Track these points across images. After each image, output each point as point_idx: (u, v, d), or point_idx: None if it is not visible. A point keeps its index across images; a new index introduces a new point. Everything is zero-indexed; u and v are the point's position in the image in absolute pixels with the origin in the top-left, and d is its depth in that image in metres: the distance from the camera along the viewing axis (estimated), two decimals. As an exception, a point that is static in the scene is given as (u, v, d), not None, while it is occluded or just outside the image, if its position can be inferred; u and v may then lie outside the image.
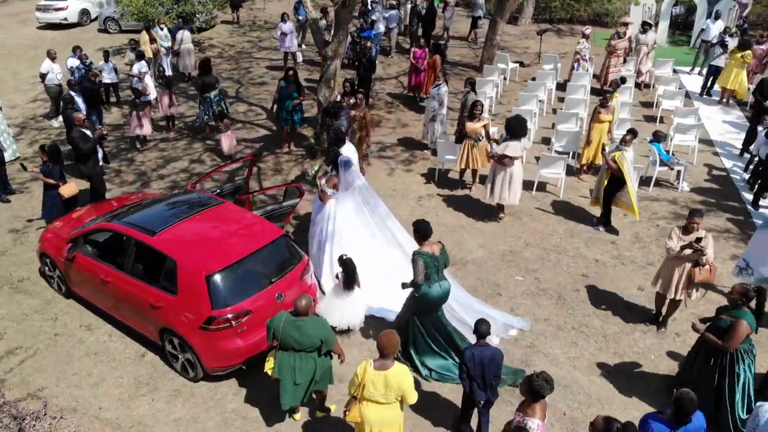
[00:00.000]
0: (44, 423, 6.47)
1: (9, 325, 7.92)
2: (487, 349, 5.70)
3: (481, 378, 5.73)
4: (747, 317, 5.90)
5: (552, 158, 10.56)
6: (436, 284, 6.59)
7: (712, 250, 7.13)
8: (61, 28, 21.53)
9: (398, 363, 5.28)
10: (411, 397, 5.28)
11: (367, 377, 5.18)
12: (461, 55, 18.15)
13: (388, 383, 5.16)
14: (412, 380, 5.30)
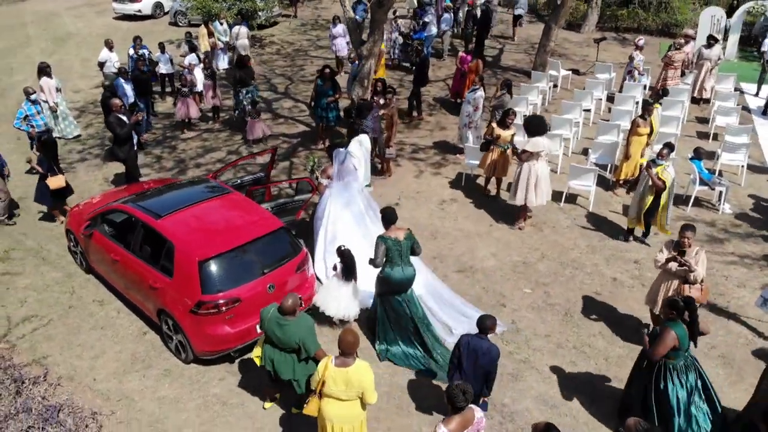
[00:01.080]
0: (41, 388, 6.84)
1: (31, 294, 8.42)
2: (484, 342, 5.67)
3: (471, 369, 5.70)
4: (676, 328, 5.60)
5: (582, 170, 10.16)
6: (399, 268, 6.88)
7: (702, 268, 6.80)
8: (135, 19, 22.66)
9: (360, 361, 5.24)
10: (371, 397, 5.23)
11: (327, 374, 5.18)
12: (516, 60, 17.77)
13: (349, 381, 5.14)
14: (373, 379, 5.24)
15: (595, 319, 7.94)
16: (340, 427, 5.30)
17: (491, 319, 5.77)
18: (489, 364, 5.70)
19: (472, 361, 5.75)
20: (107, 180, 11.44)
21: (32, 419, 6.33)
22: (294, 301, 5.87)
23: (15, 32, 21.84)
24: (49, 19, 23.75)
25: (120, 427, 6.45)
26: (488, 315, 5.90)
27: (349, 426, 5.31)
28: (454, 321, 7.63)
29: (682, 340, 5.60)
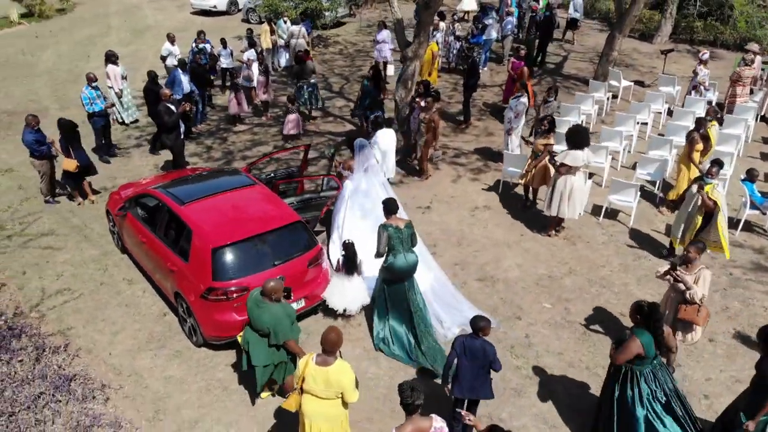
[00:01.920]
0: (59, 357, 7.23)
1: (68, 268, 8.91)
2: (477, 341, 5.66)
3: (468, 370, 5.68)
4: (642, 336, 5.41)
5: (623, 184, 9.73)
6: (401, 255, 6.97)
7: (704, 289, 6.60)
8: (211, 15, 23.56)
9: (341, 361, 5.23)
10: (350, 396, 5.20)
11: (307, 371, 5.20)
12: (579, 68, 17.23)
13: (328, 380, 5.14)
14: (354, 379, 5.22)
15: (596, 342, 7.56)
16: (318, 426, 5.30)
17: (484, 320, 5.70)
18: (487, 361, 5.70)
19: (469, 361, 5.71)
20: (157, 166, 11.94)
21: (44, 386, 6.71)
22: (275, 285, 5.97)
23: (98, 22, 23.20)
24: (132, 11, 25.08)
25: (125, 402, 6.71)
26: (481, 316, 5.82)
27: (328, 425, 5.30)
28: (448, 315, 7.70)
29: (647, 348, 5.41)
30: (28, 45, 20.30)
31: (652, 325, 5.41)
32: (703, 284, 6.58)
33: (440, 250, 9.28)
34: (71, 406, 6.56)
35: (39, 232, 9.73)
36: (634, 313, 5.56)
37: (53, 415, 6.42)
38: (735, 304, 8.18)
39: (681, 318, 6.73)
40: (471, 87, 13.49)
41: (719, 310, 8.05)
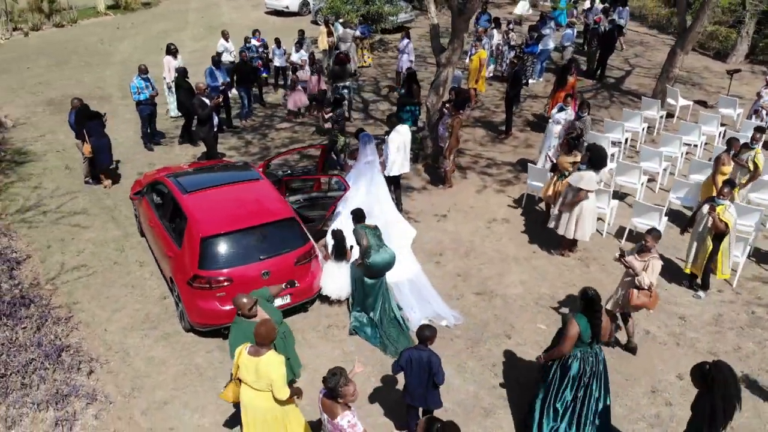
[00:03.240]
0: (58, 329, 7.67)
1: (89, 246, 9.44)
2: (423, 353, 5.61)
3: (416, 381, 5.67)
4: (579, 320, 5.60)
5: (646, 207, 9.19)
6: (381, 251, 7.36)
7: (652, 277, 6.90)
8: (283, 15, 24.25)
9: (273, 354, 5.25)
10: (278, 391, 5.21)
11: (241, 361, 5.27)
12: (640, 84, 16.43)
13: (258, 371, 5.19)
14: (284, 374, 5.22)
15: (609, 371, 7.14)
16: (253, 416, 5.35)
17: (430, 330, 5.65)
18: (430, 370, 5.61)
19: (416, 373, 5.69)
20: (195, 156, 12.42)
21: (37, 353, 7.14)
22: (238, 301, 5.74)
23: (177, 17, 24.42)
24: (210, 8, 26.22)
25: (107, 376, 7.03)
26: (427, 325, 5.79)
27: (262, 417, 5.34)
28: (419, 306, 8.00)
29: (582, 331, 5.58)
30: (108, 35, 21.66)
31: (591, 314, 5.59)
32: (651, 272, 6.83)
33: (445, 260, 9.13)
34: (57, 374, 6.94)
35: (72, 210, 10.36)
36: (579, 298, 5.75)
37: (39, 381, 6.82)
38: (749, 345, 7.55)
39: (634, 305, 6.99)
40: (513, 97, 13.17)
41: (730, 350, 7.46)
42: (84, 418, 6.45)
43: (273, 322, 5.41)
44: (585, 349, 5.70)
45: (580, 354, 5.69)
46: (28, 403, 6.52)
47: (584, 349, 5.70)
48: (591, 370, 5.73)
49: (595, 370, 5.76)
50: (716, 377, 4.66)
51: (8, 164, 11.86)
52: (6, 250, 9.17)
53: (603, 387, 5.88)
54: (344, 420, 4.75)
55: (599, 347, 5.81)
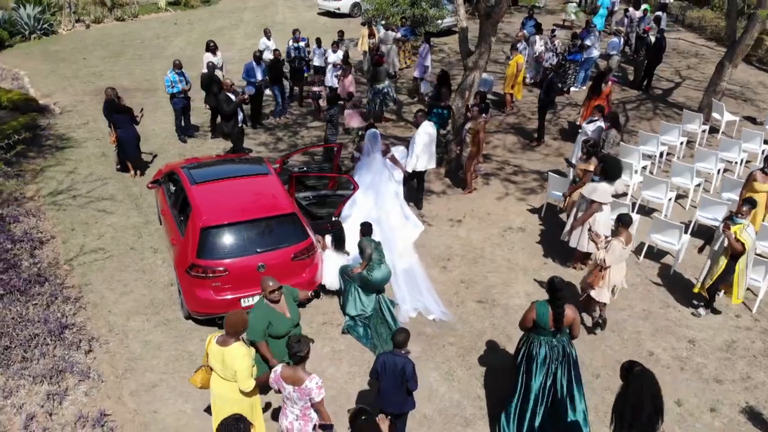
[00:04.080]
0: (66, 307, 7.98)
1: (110, 231, 9.79)
2: (398, 359, 5.57)
3: (390, 385, 5.62)
4: (539, 306, 5.79)
5: (665, 224, 8.79)
6: (378, 268, 7.49)
7: (608, 257, 7.18)
8: (334, 16, 24.51)
9: (239, 345, 5.30)
10: (242, 381, 5.26)
11: (210, 349, 5.36)
12: (688, 97, 15.75)
13: (224, 360, 5.26)
14: (248, 365, 5.27)
15: (600, 391, 6.89)
16: (221, 404, 5.43)
17: (404, 334, 5.61)
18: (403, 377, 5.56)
19: (390, 377, 5.63)
20: (225, 149, 12.70)
21: (42, 329, 7.46)
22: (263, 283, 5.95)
23: (233, 16, 25.03)
24: (267, 7, 26.77)
25: (104, 356, 7.28)
26: (402, 329, 5.77)
27: (229, 406, 5.38)
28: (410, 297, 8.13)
29: (539, 317, 5.75)
30: (165, 30, 22.43)
31: (553, 302, 5.72)
32: (609, 251, 7.17)
33: (451, 266, 9.01)
34: (58, 350, 7.23)
35: (100, 195, 10.78)
36: (547, 286, 5.88)
37: (40, 355, 7.12)
38: (760, 375, 7.11)
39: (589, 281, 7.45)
40: (546, 105, 12.88)
41: (738, 378, 7.04)
42: (75, 394, 6.69)
43: (246, 314, 5.48)
44: (549, 338, 5.81)
45: (545, 342, 5.83)
46: (26, 376, 6.82)
47: (548, 338, 5.82)
48: (557, 359, 5.82)
49: (562, 360, 5.83)
50: (632, 382, 4.78)
51: (49, 149, 12.46)
52: (32, 230, 9.63)
53: (574, 380, 5.90)
54: (312, 382, 4.96)
55: (567, 340, 5.87)
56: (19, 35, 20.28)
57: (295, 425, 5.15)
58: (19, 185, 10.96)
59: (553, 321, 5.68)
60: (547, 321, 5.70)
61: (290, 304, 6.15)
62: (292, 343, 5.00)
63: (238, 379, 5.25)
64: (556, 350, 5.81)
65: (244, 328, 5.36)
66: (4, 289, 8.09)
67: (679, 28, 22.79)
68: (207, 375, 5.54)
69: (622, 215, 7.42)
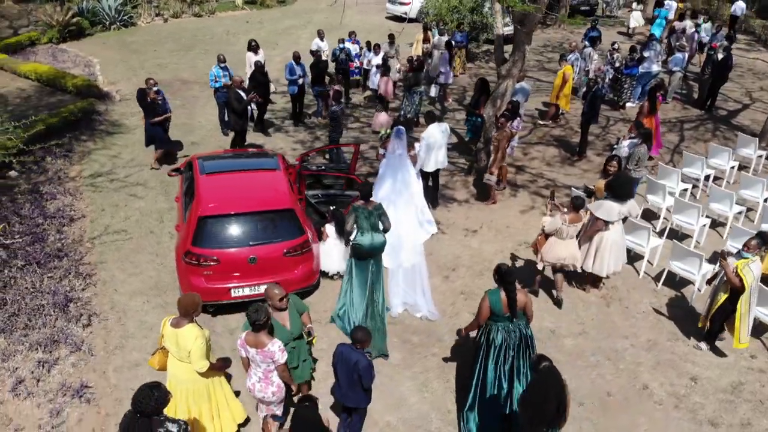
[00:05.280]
0: (77, 282, 8.43)
1: (136, 214, 10.25)
2: (354, 354, 5.57)
3: (344, 378, 5.66)
4: (491, 295, 5.88)
5: (685, 251, 8.22)
6: (368, 235, 7.42)
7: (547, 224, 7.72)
8: (400, 20, 24.57)
9: (192, 326, 5.43)
10: (195, 362, 5.40)
11: (165, 331, 5.54)
12: (754, 120, 14.67)
13: (177, 342, 5.42)
14: (200, 346, 5.38)
15: (578, 417, 6.53)
16: (176, 385, 5.60)
17: (362, 332, 5.59)
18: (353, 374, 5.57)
19: (344, 371, 5.66)
20: (264, 144, 13.02)
21: (48, 300, 7.90)
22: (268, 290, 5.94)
23: (304, 16, 25.62)
24: (338, 10, 26.95)
25: (101, 332, 7.63)
26: (361, 327, 5.77)
27: (184, 387, 5.58)
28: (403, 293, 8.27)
29: (493, 304, 5.85)
30: (236, 28, 23.24)
31: (504, 288, 5.80)
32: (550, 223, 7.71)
33: (455, 276, 8.82)
34: (59, 322, 7.65)
35: (135, 181, 11.31)
36: (493, 274, 5.98)
37: (41, 325, 7.56)
38: (763, 422, 6.53)
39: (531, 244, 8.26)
40: (589, 118, 12.37)
41: (737, 423, 6.51)
42: (63, 364, 7.05)
43: (198, 296, 5.62)
44: (506, 324, 5.93)
45: (502, 328, 5.94)
46: (24, 342, 7.26)
47: (505, 324, 5.93)
48: (514, 343, 5.95)
49: (519, 344, 5.97)
50: (537, 378, 4.91)
51: (100, 133, 13.20)
52: (66, 207, 10.23)
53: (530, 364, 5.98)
54: (275, 346, 5.33)
55: (523, 324, 6.01)
56: (100, 25, 21.62)
57: (257, 386, 5.56)
58: (64, 165, 11.71)
59: (507, 306, 5.81)
60: (500, 307, 5.83)
61: (293, 316, 6.02)
62: (250, 312, 5.28)
63: (192, 359, 5.38)
64: (513, 335, 5.94)
65: (196, 310, 5.49)
66: (26, 260, 8.64)
67: (760, 47, 21.31)
68: (164, 357, 5.70)
69: (575, 198, 7.78)
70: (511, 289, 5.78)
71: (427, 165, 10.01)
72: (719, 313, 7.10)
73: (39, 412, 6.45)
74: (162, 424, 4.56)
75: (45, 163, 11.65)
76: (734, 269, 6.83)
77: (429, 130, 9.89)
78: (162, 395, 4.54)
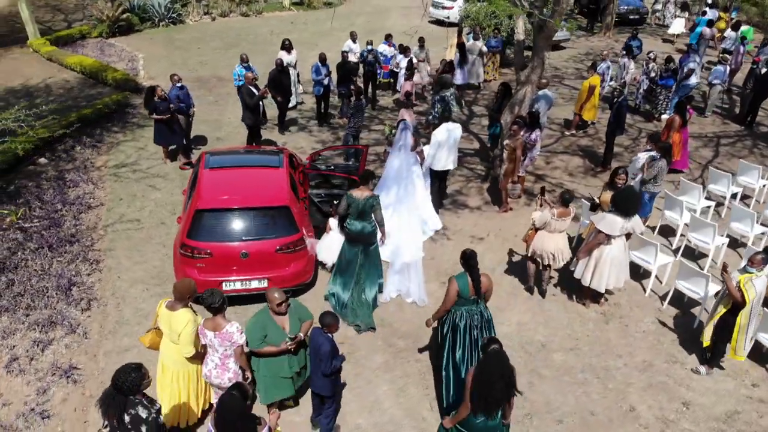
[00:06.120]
0: (83, 267, 8.74)
1: (151, 205, 10.54)
2: (320, 337, 5.69)
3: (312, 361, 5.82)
4: (459, 279, 6.14)
5: (692, 272, 7.87)
6: (357, 222, 7.74)
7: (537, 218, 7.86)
8: (442, 25, 24.47)
9: (186, 311, 5.62)
10: (182, 346, 5.62)
11: (160, 311, 5.78)
12: (800, 139, 13.94)
13: (171, 324, 5.63)
14: (190, 332, 5.56)
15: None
16: (165, 364, 5.85)
17: (330, 317, 5.71)
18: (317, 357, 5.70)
19: (312, 355, 5.83)
20: (286, 143, 13.18)
21: (52, 282, 8.22)
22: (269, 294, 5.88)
23: (347, 19, 25.81)
24: (381, 13, 27.31)
25: (98, 315, 7.89)
26: (329, 312, 5.82)
27: (175, 368, 5.82)
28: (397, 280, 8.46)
29: (461, 288, 6.12)
30: (280, 28, 23.61)
31: (470, 272, 6.09)
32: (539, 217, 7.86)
33: (452, 282, 8.69)
34: (60, 304, 7.95)
35: (156, 173, 11.64)
36: (461, 259, 6.22)
37: (43, 306, 7.87)
38: (752, 456, 6.17)
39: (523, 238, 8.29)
40: (614, 129, 12.00)
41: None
42: (57, 345, 7.32)
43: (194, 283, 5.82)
44: (470, 307, 6.23)
45: (466, 311, 6.23)
46: (25, 322, 7.57)
47: (468, 308, 6.23)
48: (477, 325, 6.24)
49: (482, 325, 6.27)
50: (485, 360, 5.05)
51: (131, 126, 13.66)
52: (87, 195, 10.63)
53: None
54: (233, 327, 5.53)
55: (484, 306, 6.32)
56: (149, 21, 22.38)
57: (213, 373, 5.71)
58: (92, 155, 12.16)
59: (474, 289, 6.09)
60: (468, 291, 6.11)
61: (293, 320, 5.95)
62: (205, 296, 5.51)
63: (180, 342, 5.60)
64: (476, 317, 6.24)
65: (190, 295, 5.69)
66: (39, 243, 9.02)
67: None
68: (156, 337, 5.91)
69: (563, 192, 7.99)
70: (476, 271, 6.08)
71: (436, 164, 9.98)
72: (719, 327, 6.81)
73: (27, 389, 6.72)
74: (134, 406, 4.68)
75: (74, 152, 12.15)
76: (737, 284, 6.53)
77: (440, 128, 9.90)
78: (138, 377, 4.67)
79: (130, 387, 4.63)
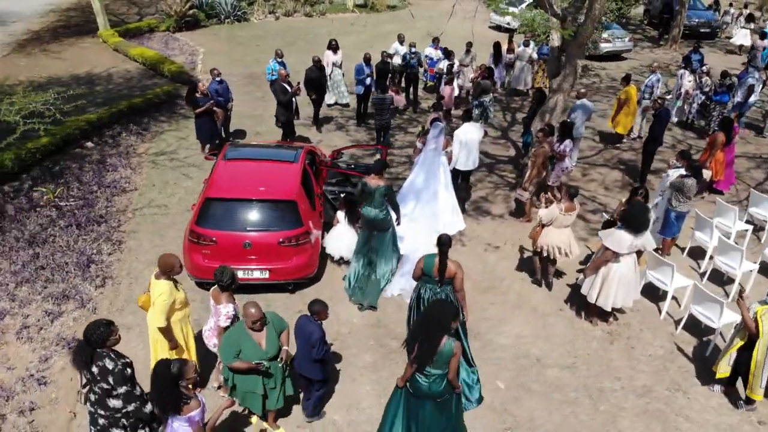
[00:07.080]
0: (106, 246, 9.18)
1: (180, 192, 10.93)
2: (309, 325, 5.89)
3: (301, 349, 5.99)
4: (426, 259, 6.49)
5: (707, 296, 7.42)
6: (370, 208, 8.06)
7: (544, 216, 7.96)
8: (501, 30, 24.17)
9: (165, 282, 5.90)
10: (155, 315, 5.93)
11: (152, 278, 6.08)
12: None
13: (153, 292, 5.97)
14: (162, 302, 5.83)
15: (537, 454, 6.14)
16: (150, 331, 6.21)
17: (319, 305, 5.92)
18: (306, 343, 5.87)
19: (301, 341, 5.97)
20: (320, 142, 13.36)
21: (73, 257, 8.67)
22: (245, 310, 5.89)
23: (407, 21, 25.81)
24: (443, 16, 26.96)
25: (110, 294, 8.25)
26: (318, 300, 6.01)
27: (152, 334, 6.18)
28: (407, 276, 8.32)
29: (426, 266, 6.47)
30: (340, 29, 23.89)
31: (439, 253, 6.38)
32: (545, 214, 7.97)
33: (458, 289, 8.56)
34: (76, 279, 8.37)
35: (192, 162, 12.05)
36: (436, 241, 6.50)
37: (60, 280, 8.31)
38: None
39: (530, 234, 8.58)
40: (653, 142, 11.48)
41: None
42: (66, 318, 7.71)
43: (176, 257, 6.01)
44: (433, 287, 6.53)
45: (430, 289, 6.57)
46: (41, 293, 8.02)
47: (433, 287, 6.54)
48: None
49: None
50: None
51: (177, 116, 14.20)
52: (122, 180, 11.14)
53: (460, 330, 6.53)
54: (225, 309, 5.93)
55: (450, 290, 6.51)
56: (215, 18, 23.20)
57: (206, 333, 6.34)
58: (136, 142, 12.73)
59: (437, 271, 6.36)
60: (431, 270, 6.41)
61: (270, 335, 5.75)
62: (216, 273, 5.96)
63: (153, 311, 5.91)
64: (439, 297, 6.43)
65: (170, 270, 5.92)
66: (69, 221, 9.53)
67: None
68: (148, 300, 6.17)
69: (569, 187, 8.23)
70: (443, 256, 6.34)
71: (459, 163, 10.21)
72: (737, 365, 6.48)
73: (32, 356, 7.11)
74: (101, 358, 4.97)
75: (120, 138, 12.76)
76: (754, 314, 6.12)
77: (463, 127, 10.00)
78: (106, 332, 4.97)
79: (97, 340, 4.93)
